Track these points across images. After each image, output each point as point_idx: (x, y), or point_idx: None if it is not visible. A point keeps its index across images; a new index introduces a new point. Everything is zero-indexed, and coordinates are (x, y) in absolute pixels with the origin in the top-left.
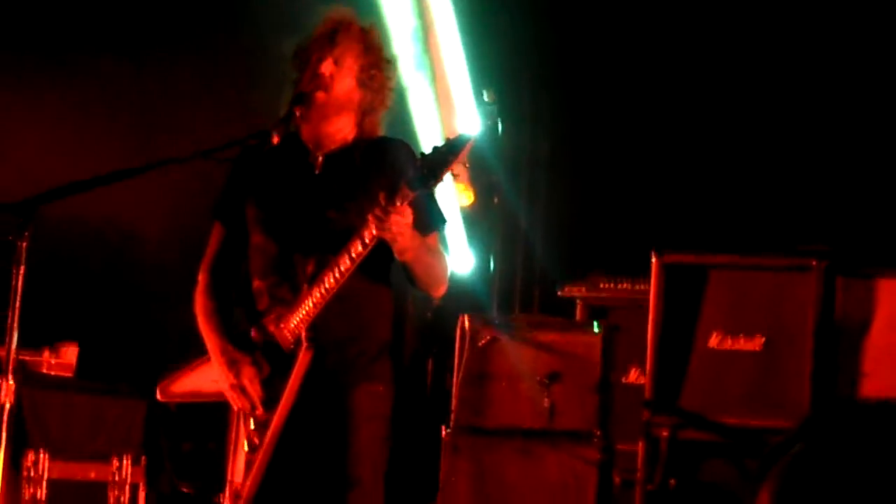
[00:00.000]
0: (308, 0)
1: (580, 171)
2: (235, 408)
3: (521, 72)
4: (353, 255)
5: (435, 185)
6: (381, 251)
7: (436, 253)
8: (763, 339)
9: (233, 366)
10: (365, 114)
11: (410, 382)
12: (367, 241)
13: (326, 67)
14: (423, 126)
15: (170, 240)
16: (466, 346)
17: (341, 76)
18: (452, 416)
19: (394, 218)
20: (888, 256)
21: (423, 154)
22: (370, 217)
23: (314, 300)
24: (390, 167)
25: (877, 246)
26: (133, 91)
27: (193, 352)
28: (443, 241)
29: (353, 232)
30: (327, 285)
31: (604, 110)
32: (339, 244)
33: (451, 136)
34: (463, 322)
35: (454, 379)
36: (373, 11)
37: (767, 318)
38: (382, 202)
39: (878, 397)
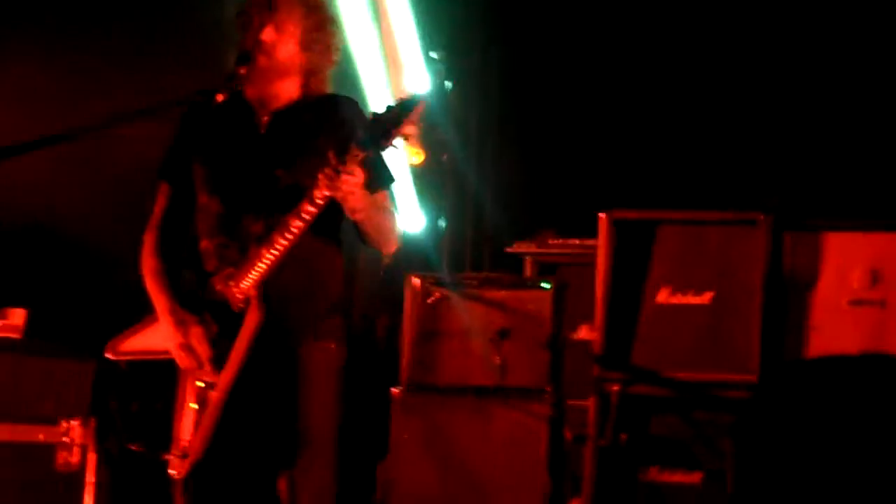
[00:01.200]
0: None
1: (529, 130)
2: (183, 367)
3: (470, 30)
4: (304, 214)
5: (386, 145)
6: (331, 210)
7: (386, 211)
8: (712, 294)
9: (180, 325)
10: (310, 74)
11: (361, 341)
12: (317, 200)
13: (268, 34)
14: (371, 86)
15: (116, 201)
16: (416, 305)
17: (283, 41)
18: (403, 375)
19: (344, 177)
20: (834, 210)
21: (374, 113)
22: (320, 176)
23: (265, 260)
24: (339, 124)
25: (823, 200)
26: (79, 53)
27: (142, 313)
28: (392, 198)
29: (301, 190)
30: (278, 245)
31: (552, 69)
32: (288, 203)
33: (403, 96)
34: (412, 281)
35: (404, 337)
36: None
37: (716, 273)
38: (332, 161)
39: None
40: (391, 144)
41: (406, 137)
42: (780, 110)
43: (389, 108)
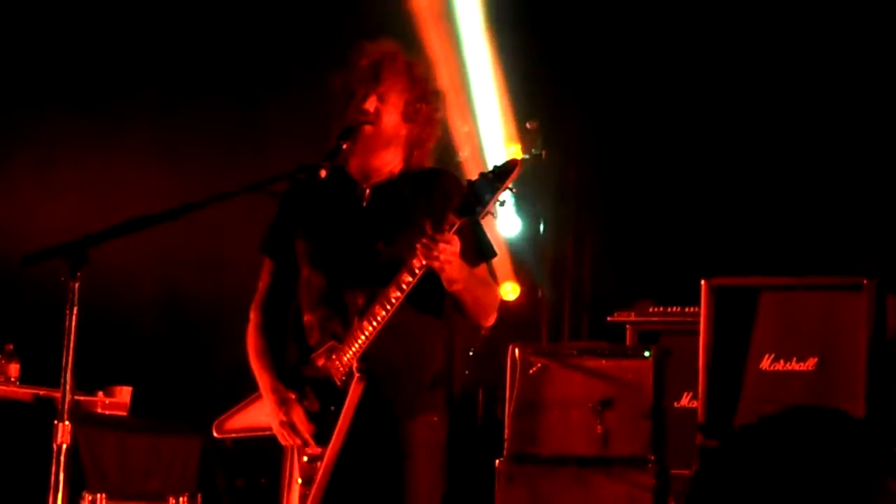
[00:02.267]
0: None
1: (626, 198)
2: (286, 445)
3: (566, 99)
4: (403, 285)
5: (482, 212)
6: (432, 281)
7: (484, 283)
8: (815, 360)
9: (283, 404)
10: (412, 147)
11: (462, 413)
12: (415, 270)
13: (371, 103)
14: (467, 155)
15: (221, 277)
16: (517, 375)
17: (387, 112)
18: (506, 446)
19: (441, 246)
20: None
21: (469, 181)
22: (418, 246)
23: (365, 332)
24: (438, 197)
25: None
26: (187, 132)
27: (246, 388)
28: (491, 272)
29: (401, 263)
30: (378, 317)
31: (650, 136)
32: (389, 275)
33: (497, 164)
34: (513, 351)
35: (506, 408)
36: (416, 44)
37: (819, 339)
38: (429, 231)
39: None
40: (488, 212)
41: (502, 203)
42: (880, 173)
43: (484, 175)
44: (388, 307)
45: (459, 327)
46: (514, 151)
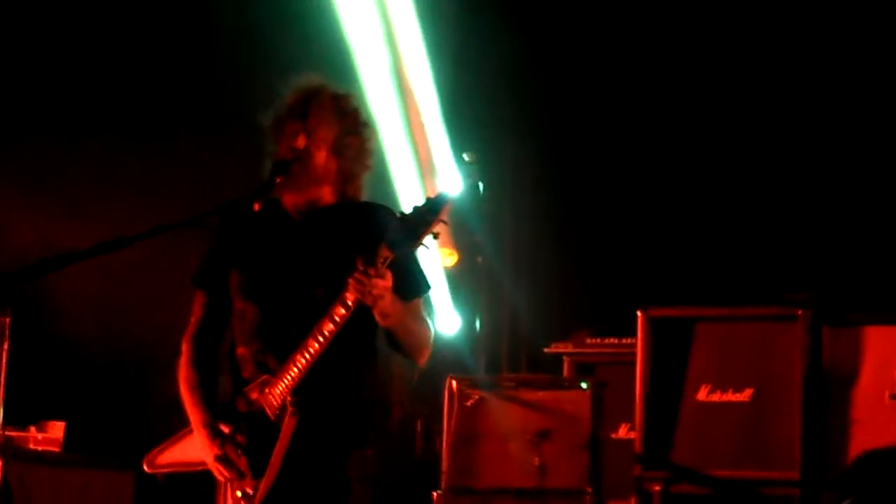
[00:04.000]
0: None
1: (564, 230)
2: (221, 479)
3: (503, 131)
4: (336, 318)
5: (415, 245)
6: (366, 315)
7: (418, 319)
8: (751, 391)
9: (216, 438)
10: (345, 181)
11: (400, 445)
12: (349, 304)
13: (301, 141)
14: (403, 188)
15: (153, 310)
16: (455, 408)
17: (315, 147)
18: (443, 478)
19: (374, 281)
20: (873, 304)
21: (402, 214)
22: (350, 281)
23: (299, 365)
24: (371, 231)
25: (861, 293)
26: (123, 170)
27: (179, 422)
28: (427, 306)
29: (335, 296)
30: (311, 350)
31: (587, 168)
32: (323, 309)
33: (430, 195)
34: (450, 383)
35: (443, 441)
36: (351, 76)
37: (755, 370)
38: (361, 265)
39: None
40: (420, 244)
41: (435, 236)
42: (816, 205)
43: (417, 207)
44: (322, 340)
45: (398, 359)
46: (450, 184)
